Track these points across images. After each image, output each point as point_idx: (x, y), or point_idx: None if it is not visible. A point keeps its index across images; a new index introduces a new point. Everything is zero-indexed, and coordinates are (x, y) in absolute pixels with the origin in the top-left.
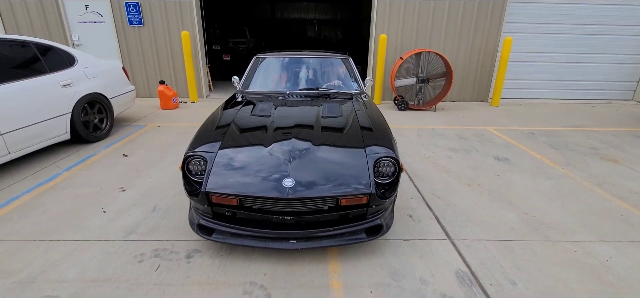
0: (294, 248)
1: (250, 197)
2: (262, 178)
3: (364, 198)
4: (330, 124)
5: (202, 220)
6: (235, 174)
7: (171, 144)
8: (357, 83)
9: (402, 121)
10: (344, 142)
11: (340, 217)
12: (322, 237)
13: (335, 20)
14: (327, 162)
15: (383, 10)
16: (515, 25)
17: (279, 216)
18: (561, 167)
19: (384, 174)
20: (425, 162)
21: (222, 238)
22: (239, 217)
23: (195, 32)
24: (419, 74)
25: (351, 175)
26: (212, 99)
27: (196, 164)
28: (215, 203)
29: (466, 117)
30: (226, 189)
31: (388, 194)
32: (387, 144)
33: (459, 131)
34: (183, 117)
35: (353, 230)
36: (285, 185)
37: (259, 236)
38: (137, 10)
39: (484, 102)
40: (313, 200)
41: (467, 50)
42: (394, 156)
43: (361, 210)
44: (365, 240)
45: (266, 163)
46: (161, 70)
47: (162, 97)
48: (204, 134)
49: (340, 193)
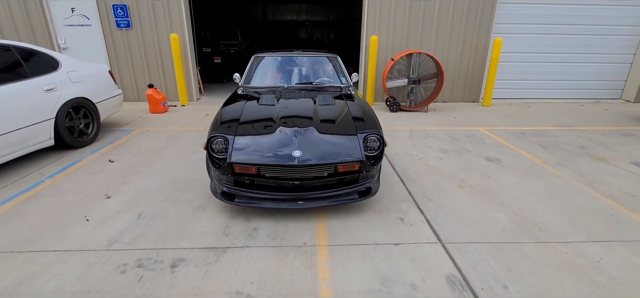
0: (301, 207)
1: (266, 165)
2: (275, 151)
3: (357, 165)
4: (326, 113)
5: (225, 188)
6: (252, 149)
7: (159, 149)
8: (345, 77)
9: (394, 122)
10: (340, 127)
11: (337, 181)
12: (323, 197)
13: (327, 22)
14: (326, 140)
15: (374, 12)
16: (505, 25)
17: (288, 181)
18: (551, 166)
19: (371, 148)
20: (417, 164)
21: (243, 202)
22: (256, 183)
23: (184, 35)
24: (410, 75)
25: (346, 149)
26: (202, 102)
27: (218, 143)
28: (237, 172)
29: (457, 118)
30: (247, 160)
31: (375, 163)
32: (374, 127)
33: (451, 132)
34: (172, 121)
35: (348, 191)
36: (294, 156)
37: (273, 198)
38: (124, 13)
39: (475, 102)
40: (317, 166)
41: (458, 51)
42: (380, 134)
43: (354, 175)
44: (357, 200)
45: (277, 140)
46: (150, 73)
47: (150, 100)
48: (221, 120)
49: (338, 161)
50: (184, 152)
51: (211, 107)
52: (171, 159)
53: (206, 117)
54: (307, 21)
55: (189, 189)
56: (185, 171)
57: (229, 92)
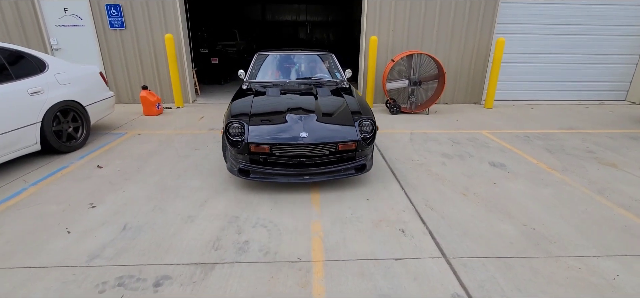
0: (307, 181)
1: (278, 144)
2: (285, 133)
3: (354, 144)
4: (326, 103)
5: (241, 165)
6: (265, 131)
7: (151, 154)
8: (339, 73)
9: (393, 125)
10: (338, 114)
11: (337, 158)
12: (325, 172)
13: (326, 22)
14: (327, 124)
15: (373, 12)
16: (507, 25)
17: (296, 159)
18: (559, 172)
19: (365, 131)
20: (418, 170)
21: (257, 177)
22: (268, 161)
23: (179, 35)
24: (411, 76)
25: (344, 131)
26: (198, 104)
27: (234, 128)
28: (253, 152)
29: (459, 120)
30: (262, 141)
31: (369, 143)
32: (367, 114)
33: (453, 135)
34: (166, 124)
35: (346, 167)
36: (301, 136)
37: (283, 174)
38: (118, 13)
39: (477, 104)
40: (321, 145)
41: (460, 52)
42: (372, 119)
43: (351, 153)
44: (354, 174)
45: (286, 124)
46: (144, 75)
47: (144, 103)
48: (234, 109)
49: (338, 140)
50: (175, 157)
51: (207, 109)
52: (162, 165)
53: (201, 119)
54: (307, 21)
55: (179, 198)
56: (175, 178)
57: (227, 94)
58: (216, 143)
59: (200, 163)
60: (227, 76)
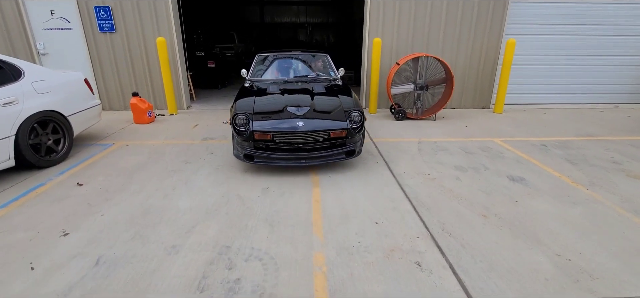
0: (303, 165)
1: (278, 132)
2: (284, 122)
3: (344, 132)
4: (321, 98)
5: (246, 151)
6: (267, 121)
7: (138, 168)
8: (333, 71)
9: (400, 133)
10: (331, 106)
11: (330, 144)
12: (319, 157)
13: (327, 24)
14: (321, 115)
15: (376, 12)
16: (517, 26)
17: (294, 145)
18: (585, 187)
19: (354, 121)
20: (431, 186)
21: (260, 161)
22: (270, 147)
23: (172, 38)
24: (417, 80)
25: (336, 121)
26: (193, 110)
27: (240, 119)
28: (257, 139)
29: (469, 127)
30: (264, 129)
31: (357, 132)
32: (356, 106)
33: (464, 144)
34: (158, 133)
35: (338, 152)
36: (298, 125)
37: (282, 158)
38: (108, 15)
39: (485, 108)
40: (315, 132)
41: (467, 54)
42: (361, 110)
43: (342, 140)
44: (344, 158)
45: (285, 115)
46: (136, 80)
47: (135, 110)
48: (240, 103)
49: (330, 128)
50: (164, 172)
51: (202, 116)
52: (148, 181)
53: (195, 127)
54: (307, 23)
55: (163, 222)
56: (162, 197)
57: (224, 99)
58: (209, 155)
59: (191, 179)
60: (224, 80)
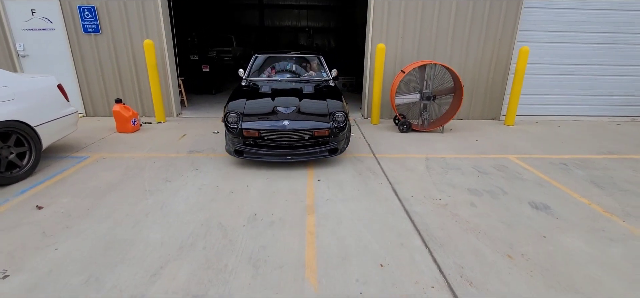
0: (289, 161)
1: (266, 130)
2: (272, 121)
3: (327, 131)
4: (308, 98)
5: (236, 147)
6: (256, 119)
7: (111, 187)
8: (325, 72)
9: (405, 148)
10: (316, 107)
11: (314, 142)
12: (304, 154)
13: (328, 28)
14: (307, 115)
15: (380, 16)
16: (530, 33)
17: (281, 142)
18: (620, 219)
19: (338, 121)
20: (443, 215)
21: (249, 156)
22: (258, 144)
23: (161, 41)
24: (423, 89)
25: (320, 120)
26: (184, 118)
27: (232, 117)
28: (246, 136)
29: (480, 141)
30: (252, 127)
31: (340, 132)
32: (341, 108)
33: (476, 162)
34: (141, 144)
35: (321, 150)
36: (284, 124)
37: (269, 154)
38: (93, 16)
39: (495, 120)
40: (300, 131)
41: (477, 62)
42: (344, 111)
43: (326, 139)
44: (327, 156)
45: (273, 115)
46: (123, 85)
47: (118, 118)
48: (234, 100)
49: (314, 128)
50: (139, 193)
51: (192, 125)
52: (120, 204)
53: (182, 138)
54: (307, 27)
55: (126, 261)
56: (131, 226)
57: (218, 105)
58: (193, 171)
59: (168, 203)
60: (220, 85)
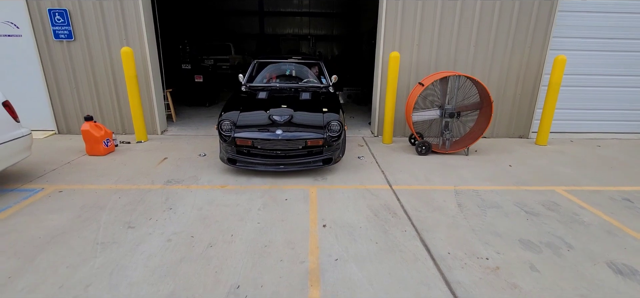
0: (282, 170)
1: (258, 139)
2: (264, 130)
3: (321, 141)
4: (304, 106)
5: (230, 155)
6: (249, 128)
7: (54, 238)
8: (325, 79)
9: (427, 175)
10: (311, 115)
11: (307, 152)
12: (297, 163)
13: (331, 36)
14: (300, 124)
15: (393, 20)
16: (565, 40)
17: (273, 151)
18: None
19: (333, 130)
20: (498, 287)
21: (242, 165)
22: (251, 153)
23: (143, 48)
24: (445, 105)
25: (314, 130)
26: (170, 135)
27: (226, 125)
28: (239, 144)
29: (514, 167)
30: (245, 136)
31: (334, 142)
32: (336, 116)
33: (518, 196)
34: (110, 171)
35: (315, 160)
36: (277, 133)
37: (262, 163)
38: (65, 20)
39: (523, 138)
40: (293, 141)
41: (503, 72)
42: (339, 120)
43: (319, 148)
44: (321, 166)
45: (267, 123)
46: (100, 98)
47: (87, 138)
48: (229, 107)
49: (308, 137)
50: (88, 247)
51: (177, 144)
52: (55, 268)
53: (163, 162)
54: (310, 35)
55: None
56: None
57: (211, 119)
58: (166, 212)
59: (122, 265)
60: (214, 97)
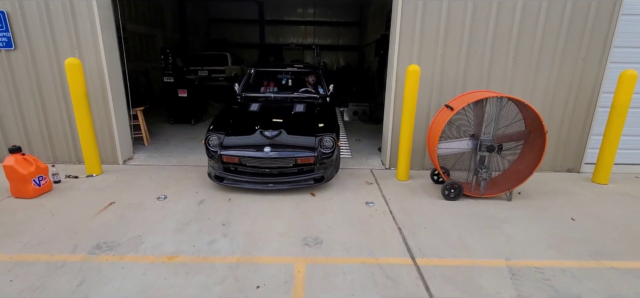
0: (271, 189)
1: (246, 157)
2: (252, 147)
3: (312, 159)
4: (296, 120)
5: (217, 173)
6: (236, 145)
7: None
8: (322, 88)
9: (462, 236)
10: (302, 131)
11: (298, 170)
12: (287, 181)
13: (336, 46)
14: (291, 141)
15: (411, 26)
16: (630, 51)
17: (262, 169)
18: None
19: (326, 147)
20: None
21: (229, 183)
22: (239, 170)
23: (99, 59)
24: (481, 135)
25: (305, 148)
26: (134, 165)
27: (213, 140)
28: (225, 162)
29: (578, 221)
30: (232, 153)
31: (326, 159)
32: (330, 131)
33: (604, 280)
34: (28, 225)
35: (305, 178)
36: (265, 151)
37: (250, 181)
38: (3, 25)
39: (573, 172)
40: (281, 159)
41: (549, 91)
42: (332, 136)
43: (310, 166)
44: (312, 184)
45: (255, 140)
46: (48, 120)
47: (11, 176)
48: (218, 121)
49: (297, 156)
50: None
51: (138, 180)
52: None
53: (106, 209)
54: (314, 45)
55: None
56: None
57: (192, 142)
58: None
59: None
60: (201, 113)
